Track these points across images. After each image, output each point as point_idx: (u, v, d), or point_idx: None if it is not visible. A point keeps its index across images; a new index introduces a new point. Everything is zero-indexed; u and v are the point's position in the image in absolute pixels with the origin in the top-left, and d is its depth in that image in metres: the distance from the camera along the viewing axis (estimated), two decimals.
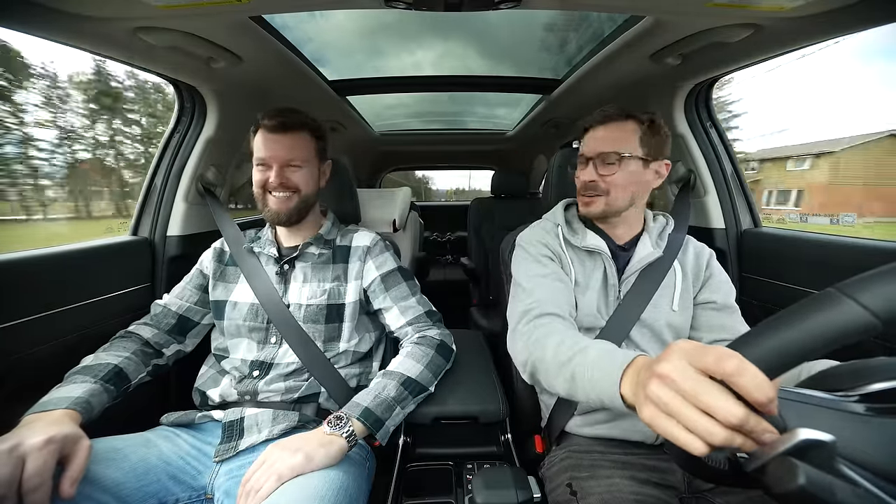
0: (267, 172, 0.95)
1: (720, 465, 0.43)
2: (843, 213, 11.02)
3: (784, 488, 0.33)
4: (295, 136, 0.95)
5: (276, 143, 0.94)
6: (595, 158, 0.88)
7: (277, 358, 0.94)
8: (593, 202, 0.90)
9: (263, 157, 0.94)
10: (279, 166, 0.94)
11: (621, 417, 0.84)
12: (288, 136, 0.95)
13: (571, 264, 0.93)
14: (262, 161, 0.95)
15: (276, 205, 0.96)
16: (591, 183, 0.89)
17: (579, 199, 0.94)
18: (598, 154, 0.88)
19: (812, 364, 0.68)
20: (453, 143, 3.20)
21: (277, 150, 0.94)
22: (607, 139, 0.87)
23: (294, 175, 0.96)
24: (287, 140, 0.95)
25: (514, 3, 0.84)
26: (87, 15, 0.81)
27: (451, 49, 1.67)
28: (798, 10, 0.83)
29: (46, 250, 0.98)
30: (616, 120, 0.87)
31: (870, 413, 0.36)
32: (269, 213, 0.97)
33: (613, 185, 0.87)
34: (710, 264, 0.95)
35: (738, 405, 0.35)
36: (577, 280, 0.92)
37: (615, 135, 0.87)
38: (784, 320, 0.34)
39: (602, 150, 0.87)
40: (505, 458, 0.95)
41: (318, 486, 0.65)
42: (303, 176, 0.97)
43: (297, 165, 0.96)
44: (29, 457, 0.56)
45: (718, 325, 0.89)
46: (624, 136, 0.86)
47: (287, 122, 0.94)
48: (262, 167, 0.96)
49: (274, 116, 0.93)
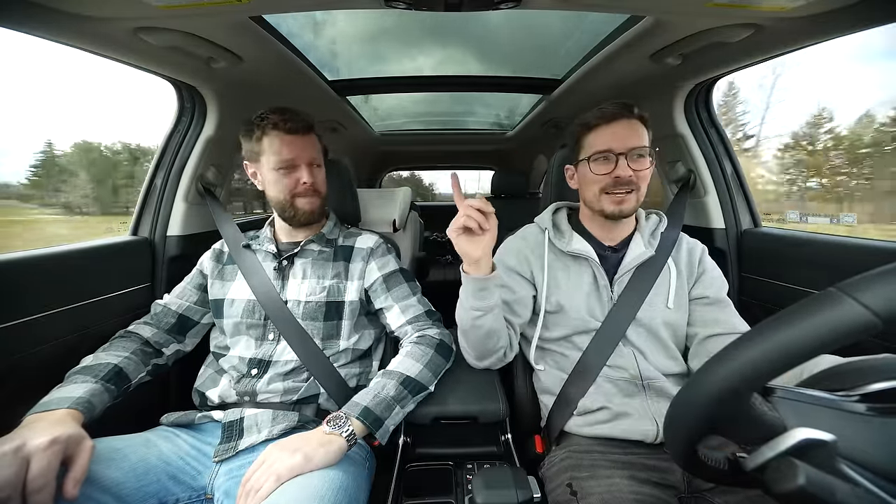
0: (293, 173, 0.96)
1: (720, 464, 0.43)
2: (844, 213, 11.02)
3: (784, 488, 0.33)
4: (311, 136, 0.99)
5: (300, 143, 0.96)
6: (626, 153, 0.85)
7: (275, 355, 0.94)
8: (626, 199, 0.87)
9: (290, 158, 0.95)
10: (307, 165, 0.96)
11: (621, 417, 0.84)
12: (307, 136, 0.98)
13: (547, 270, 0.95)
14: (289, 162, 0.95)
15: (308, 205, 0.98)
16: (629, 178, 0.85)
17: (607, 196, 0.89)
18: (631, 149, 0.85)
19: (816, 361, 0.68)
20: (453, 143, 3.20)
21: (302, 150, 0.96)
22: (634, 134, 0.86)
23: (317, 176, 1.00)
24: (308, 140, 0.98)
25: (514, 3, 0.84)
26: (87, 15, 0.81)
27: (452, 55, 1.67)
28: (798, 10, 0.83)
29: (46, 250, 0.98)
30: (632, 115, 0.88)
31: (871, 413, 0.36)
32: (303, 213, 0.98)
33: (643, 180, 0.87)
34: (703, 259, 0.96)
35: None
36: (560, 284, 0.95)
37: (638, 130, 0.87)
38: (785, 319, 0.34)
39: (634, 145, 0.85)
40: (505, 458, 0.95)
41: (317, 486, 0.65)
42: (322, 175, 1.02)
43: (318, 164, 1.00)
44: (33, 457, 0.56)
45: (712, 320, 0.89)
46: (640, 131, 0.87)
47: (307, 122, 0.97)
48: (286, 169, 0.96)
49: (290, 118, 0.94)
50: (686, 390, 0.40)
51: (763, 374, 0.34)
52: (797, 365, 0.33)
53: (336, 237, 1.08)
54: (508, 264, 1.00)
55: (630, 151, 0.85)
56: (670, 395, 0.85)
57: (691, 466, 0.43)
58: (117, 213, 33.81)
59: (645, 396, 0.86)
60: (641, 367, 0.88)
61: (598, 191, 0.90)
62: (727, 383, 0.36)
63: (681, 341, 0.94)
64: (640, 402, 0.86)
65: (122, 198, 35.80)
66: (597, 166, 0.89)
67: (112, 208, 35.88)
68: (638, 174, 0.86)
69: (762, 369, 0.34)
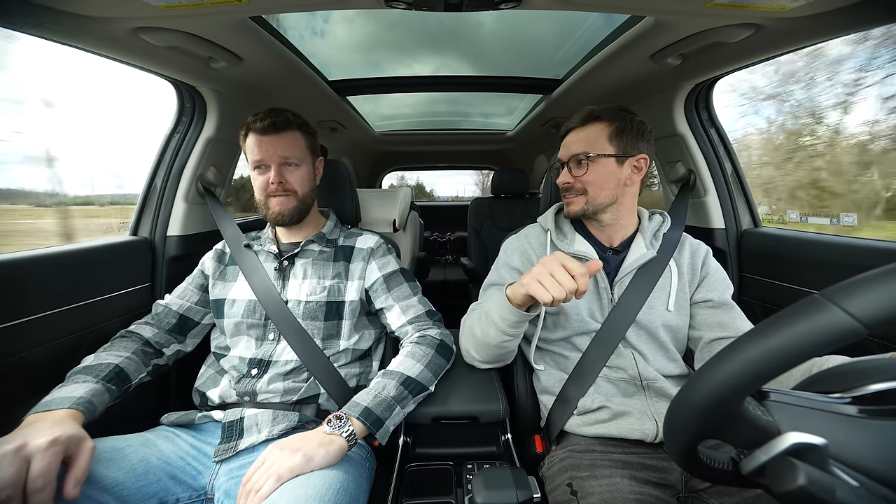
0: (266, 173, 0.96)
1: (722, 465, 0.43)
2: (844, 213, 11.01)
3: (784, 488, 0.33)
4: (286, 135, 0.97)
5: (270, 143, 0.95)
6: (568, 161, 0.94)
7: (275, 355, 0.94)
8: (572, 202, 0.95)
9: (260, 159, 0.96)
10: (277, 165, 0.96)
11: (621, 417, 0.84)
12: (280, 135, 0.96)
13: None
14: (259, 162, 0.96)
15: (278, 206, 0.97)
16: (566, 185, 0.94)
17: (564, 200, 0.98)
18: (570, 157, 0.93)
19: (824, 359, 0.69)
20: (453, 143, 3.20)
21: (272, 149, 0.95)
22: (577, 142, 0.92)
23: (292, 175, 0.98)
24: (279, 140, 0.96)
25: (514, 3, 0.84)
26: (87, 15, 0.81)
27: (452, 56, 1.68)
28: (798, 10, 0.83)
29: (46, 250, 0.98)
30: (584, 123, 0.92)
31: (862, 415, 0.37)
32: (273, 213, 0.98)
33: (588, 184, 0.91)
34: (707, 262, 0.96)
35: (570, 278, 0.68)
36: None
37: (584, 137, 0.92)
38: (771, 327, 0.34)
39: (572, 153, 0.92)
40: (505, 458, 0.95)
41: (317, 486, 0.65)
42: (300, 175, 0.99)
43: (293, 164, 0.98)
44: (34, 457, 0.57)
45: (717, 323, 0.89)
46: (592, 137, 0.91)
47: (277, 121, 0.95)
48: (259, 169, 0.97)
49: (262, 118, 0.94)
50: (682, 395, 0.40)
51: (752, 380, 0.35)
52: (786, 370, 0.33)
53: (336, 237, 1.08)
54: (512, 264, 1.01)
55: (570, 159, 0.93)
56: (670, 395, 0.85)
57: (692, 467, 0.43)
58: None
59: (645, 396, 0.86)
60: (641, 368, 0.88)
61: (561, 194, 0.99)
62: (720, 388, 0.36)
63: (681, 344, 0.94)
64: (640, 401, 0.86)
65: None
66: (555, 173, 1.00)
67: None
68: (579, 179, 0.91)
69: (751, 375, 0.34)
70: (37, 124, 1.62)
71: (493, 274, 1.03)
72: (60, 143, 1.69)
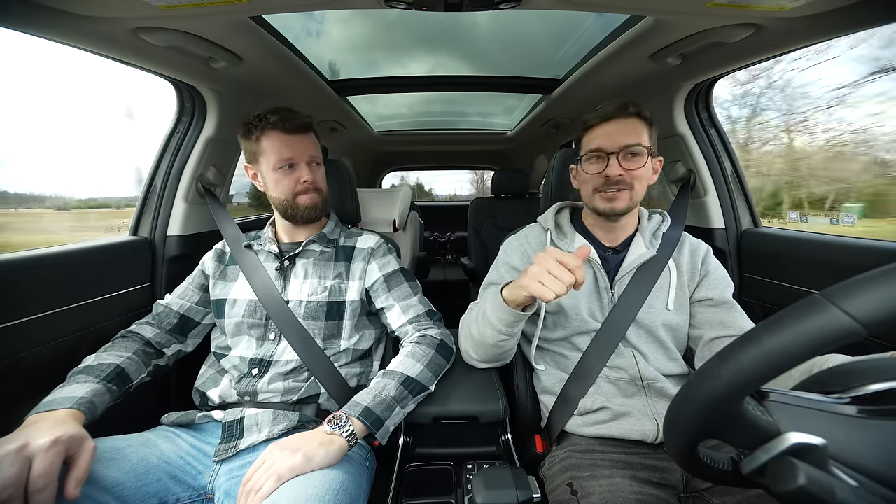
0: (293, 172, 0.97)
1: (723, 465, 0.43)
2: (844, 213, 11.06)
3: (784, 488, 0.33)
4: (310, 135, 1.00)
5: (300, 142, 0.97)
6: (619, 152, 0.85)
7: (276, 355, 0.94)
8: (618, 197, 0.87)
9: (291, 157, 0.96)
10: (307, 164, 0.98)
11: (621, 417, 0.85)
12: (307, 135, 0.99)
13: None
14: (289, 161, 0.96)
15: (309, 200, 0.99)
16: (619, 177, 0.85)
17: (599, 195, 0.89)
18: (623, 147, 0.85)
19: (825, 359, 0.68)
20: (453, 142, 3.20)
21: (302, 148, 0.97)
22: (628, 132, 0.85)
23: (317, 174, 1.01)
24: (307, 139, 0.99)
25: (514, 2, 0.84)
26: (87, 15, 0.81)
27: (451, 56, 1.69)
28: (798, 10, 0.83)
29: (46, 250, 0.98)
30: (624, 115, 0.86)
31: (862, 415, 0.37)
32: (305, 209, 0.99)
33: (638, 179, 0.86)
34: (707, 261, 0.95)
35: (567, 272, 0.68)
36: None
37: (634, 128, 0.85)
38: (771, 328, 0.34)
39: (627, 143, 0.84)
40: (505, 458, 0.95)
41: (318, 486, 0.65)
42: (322, 174, 1.03)
43: (317, 163, 1.01)
44: (36, 457, 0.57)
45: (717, 322, 0.89)
46: (639, 129, 0.86)
47: (305, 122, 0.98)
48: (285, 168, 0.96)
49: (289, 118, 0.95)
50: (682, 395, 0.40)
51: (752, 380, 0.35)
52: (785, 371, 0.33)
53: (337, 237, 1.08)
54: (512, 264, 1.00)
55: (623, 150, 0.85)
56: (671, 395, 0.85)
57: (692, 467, 0.43)
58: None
59: (645, 396, 0.86)
60: (641, 367, 0.88)
61: (591, 190, 0.91)
62: (719, 389, 0.36)
63: (681, 343, 0.94)
64: (640, 401, 0.86)
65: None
66: (589, 165, 0.90)
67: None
68: (631, 173, 0.85)
69: (750, 376, 0.34)
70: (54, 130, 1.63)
71: (492, 273, 1.03)
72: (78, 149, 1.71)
